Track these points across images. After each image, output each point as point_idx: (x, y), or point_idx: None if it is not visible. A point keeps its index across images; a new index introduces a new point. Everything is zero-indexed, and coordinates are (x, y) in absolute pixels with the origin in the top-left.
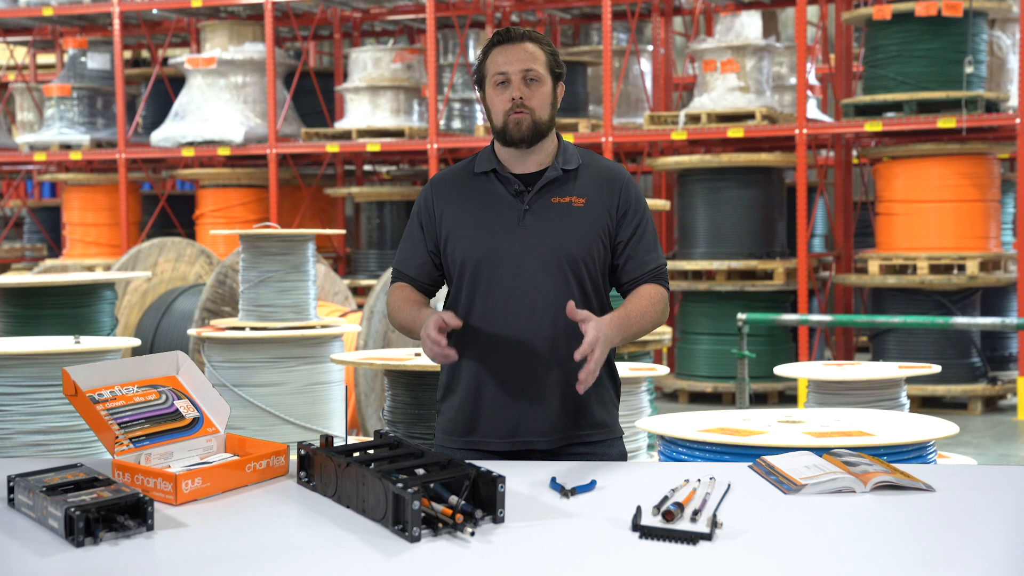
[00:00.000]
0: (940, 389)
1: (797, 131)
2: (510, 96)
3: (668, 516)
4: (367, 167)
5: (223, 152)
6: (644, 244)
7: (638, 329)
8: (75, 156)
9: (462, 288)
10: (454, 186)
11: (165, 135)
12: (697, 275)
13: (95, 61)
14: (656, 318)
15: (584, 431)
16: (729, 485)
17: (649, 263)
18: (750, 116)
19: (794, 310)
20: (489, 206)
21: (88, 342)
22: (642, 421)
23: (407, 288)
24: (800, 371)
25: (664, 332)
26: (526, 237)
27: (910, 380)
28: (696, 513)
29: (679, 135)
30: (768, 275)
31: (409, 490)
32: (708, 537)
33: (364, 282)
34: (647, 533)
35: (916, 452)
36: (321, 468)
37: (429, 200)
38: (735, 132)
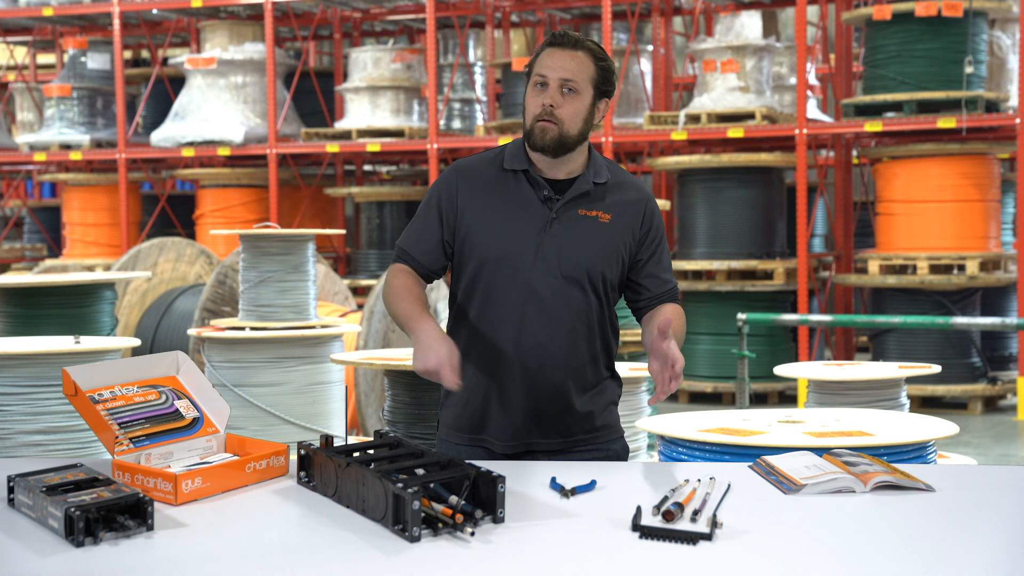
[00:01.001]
0: (940, 389)
1: (797, 131)
2: (542, 101)
3: (668, 516)
4: (367, 167)
5: (223, 152)
6: (663, 264)
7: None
8: (75, 156)
9: (478, 286)
10: (482, 179)
11: (165, 135)
12: (697, 275)
13: (95, 61)
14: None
15: (591, 433)
16: (729, 485)
17: (668, 282)
18: (750, 116)
19: (794, 310)
20: (516, 207)
21: (88, 342)
22: (642, 421)
23: (409, 274)
24: (800, 371)
25: None
26: (550, 245)
27: (910, 380)
28: (696, 513)
29: (679, 135)
30: (768, 275)
31: (409, 490)
32: (708, 537)
33: (364, 282)
34: (647, 533)
35: (916, 452)
36: (321, 468)
37: (453, 188)
38: (735, 132)
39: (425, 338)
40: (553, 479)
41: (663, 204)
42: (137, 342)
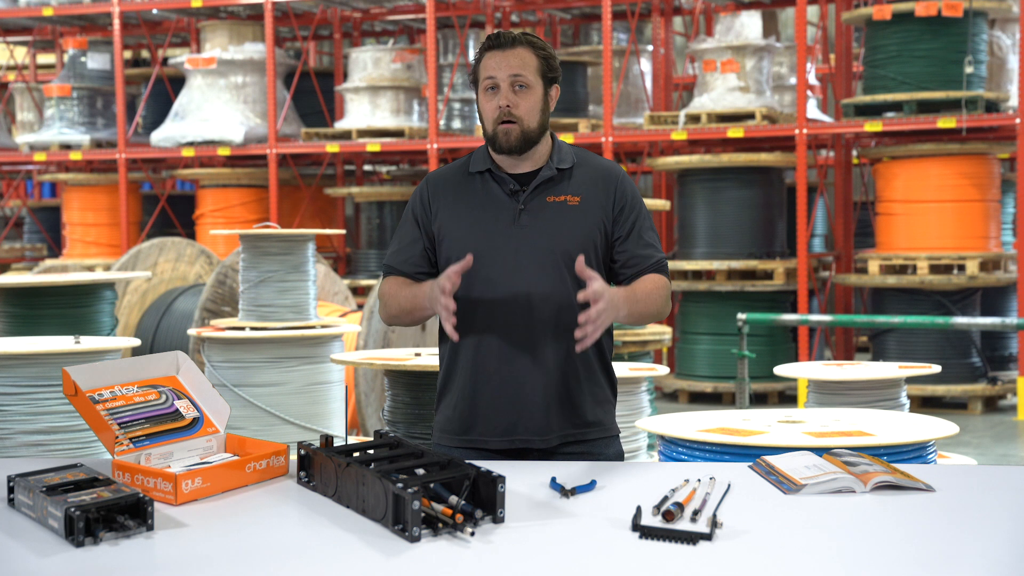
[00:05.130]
0: (940, 389)
1: (797, 131)
2: (498, 104)
3: (668, 516)
4: (367, 167)
5: (223, 152)
6: (643, 240)
7: (643, 309)
8: (75, 156)
9: (458, 289)
10: (450, 185)
11: (165, 135)
12: (697, 275)
13: (95, 61)
14: (661, 304)
15: (580, 429)
16: (729, 485)
17: (649, 258)
18: (750, 116)
19: (794, 310)
20: (484, 205)
21: (88, 342)
22: (642, 421)
23: (396, 279)
24: (800, 371)
25: (664, 332)
26: (522, 236)
27: (910, 380)
28: (696, 513)
29: (679, 135)
30: (768, 275)
31: (409, 490)
32: (708, 537)
33: (364, 282)
34: (647, 533)
35: (916, 452)
36: (321, 468)
37: (425, 197)
38: (735, 132)
39: (428, 288)
40: (553, 479)
41: (663, 204)
42: (137, 342)
